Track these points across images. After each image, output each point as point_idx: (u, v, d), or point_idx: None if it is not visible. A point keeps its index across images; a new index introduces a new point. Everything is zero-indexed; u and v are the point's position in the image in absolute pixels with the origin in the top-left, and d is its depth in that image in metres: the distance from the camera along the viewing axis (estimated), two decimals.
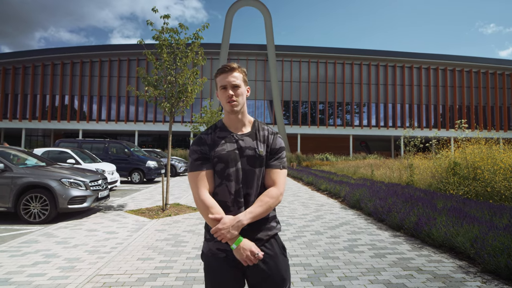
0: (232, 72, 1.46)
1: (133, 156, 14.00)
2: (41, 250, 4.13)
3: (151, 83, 7.22)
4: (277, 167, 1.47)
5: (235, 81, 1.45)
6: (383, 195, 6.73)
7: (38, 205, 5.94)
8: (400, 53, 36.45)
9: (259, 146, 1.47)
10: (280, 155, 1.50)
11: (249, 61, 35.99)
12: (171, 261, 3.72)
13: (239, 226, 1.32)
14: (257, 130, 1.52)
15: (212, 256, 1.43)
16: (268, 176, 1.46)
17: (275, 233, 1.48)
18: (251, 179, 1.43)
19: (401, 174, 10.95)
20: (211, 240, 1.43)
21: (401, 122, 36.23)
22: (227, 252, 1.40)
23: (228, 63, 1.49)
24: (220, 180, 1.43)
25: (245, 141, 1.47)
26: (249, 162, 1.43)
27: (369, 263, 3.68)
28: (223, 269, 1.41)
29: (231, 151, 1.43)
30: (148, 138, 38.97)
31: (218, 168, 1.43)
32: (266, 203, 1.39)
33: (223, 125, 1.52)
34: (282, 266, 1.45)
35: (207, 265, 1.46)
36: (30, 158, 7.43)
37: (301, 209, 7.32)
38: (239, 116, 1.50)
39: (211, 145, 1.46)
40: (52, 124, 34.37)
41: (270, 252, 1.43)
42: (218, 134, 1.49)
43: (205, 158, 1.44)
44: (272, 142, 1.50)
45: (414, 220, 4.85)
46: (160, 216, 6.43)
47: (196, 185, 1.42)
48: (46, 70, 34.90)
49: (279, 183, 1.45)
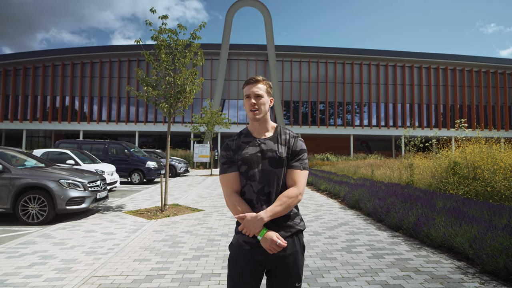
0: (256, 84, 1.65)
1: (133, 156, 14.00)
2: (38, 251, 4.12)
3: (149, 84, 7.21)
4: (297, 167, 1.59)
5: (258, 91, 1.63)
6: (383, 195, 6.70)
7: (36, 206, 5.93)
8: (401, 52, 36.39)
9: (279, 148, 1.60)
10: (301, 156, 1.62)
11: (249, 61, 35.97)
12: (167, 262, 3.70)
13: (260, 222, 1.46)
14: (279, 135, 1.66)
15: (239, 247, 1.58)
16: (289, 176, 1.59)
17: (298, 230, 1.59)
18: (272, 179, 1.56)
19: (401, 174, 10.91)
20: (239, 233, 1.58)
21: (402, 121, 36.16)
22: (251, 245, 1.54)
23: (254, 76, 1.68)
24: (245, 181, 1.58)
25: (267, 144, 1.61)
26: (270, 164, 1.57)
27: (366, 264, 3.66)
28: (245, 260, 1.55)
29: (253, 154, 1.58)
30: (148, 139, 38.99)
31: (242, 170, 1.59)
32: (284, 202, 1.51)
33: (247, 131, 1.69)
34: (300, 264, 1.59)
35: (232, 255, 1.61)
36: (29, 159, 7.43)
37: (300, 209, 7.29)
38: (262, 123, 1.66)
39: (235, 150, 1.63)
40: (53, 125, 34.41)
41: (292, 248, 1.55)
42: (242, 140, 1.66)
43: (231, 162, 1.62)
44: (293, 145, 1.63)
45: (413, 220, 4.83)
46: (159, 217, 6.41)
47: (225, 186, 1.61)
48: (47, 71, 34.94)
49: (299, 183, 1.57)
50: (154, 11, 7.25)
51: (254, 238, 1.53)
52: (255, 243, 1.53)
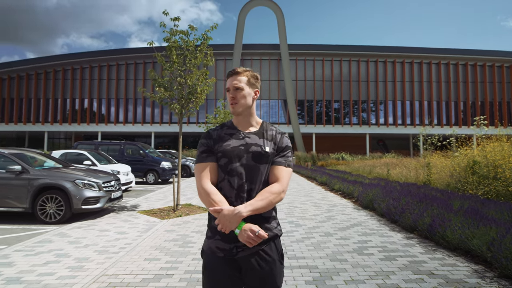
0: (236, 76, 1.54)
1: (148, 157, 14.23)
2: (53, 250, 4.24)
3: (161, 85, 7.30)
4: (282, 164, 1.50)
5: (237, 84, 1.52)
6: (397, 195, 6.53)
7: (53, 206, 6.11)
8: (418, 48, 35.46)
9: (265, 143, 1.50)
10: (286, 153, 1.53)
11: (263, 61, 35.95)
12: (176, 262, 3.73)
13: (238, 217, 1.34)
14: (265, 130, 1.56)
15: (212, 254, 1.45)
16: (272, 173, 1.48)
17: (275, 235, 1.47)
18: (255, 175, 1.45)
19: (418, 173, 10.62)
20: (212, 238, 1.46)
21: (420, 119, 35.24)
22: (225, 251, 1.42)
23: (235, 67, 1.57)
24: (223, 175, 1.46)
25: (251, 138, 1.51)
26: (254, 158, 1.46)
27: (378, 266, 3.56)
28: (221, 268, 1.42)
29: (236, 147, 1.47)
30: (164, 139, 39.62)
31: (221, 163, 1.47)
32: (267, 197, 1.40)
33: (232, 124, 1.58)
34: (277, 273, 1.46)
35: (205, 263, 1.48)
36: (47, 160, 7.67)
37: (313, 210, 7.21)
38: (247, 117, 1.56)
39: (216, 140, 1.51)
40: (73, 127, 35.51)
41: (268, 257, 1.44)
42: (225, 131, 1.54)
43: (210, 151, 1.50)
44: (279, 141, 1.54)
45: (428, 222, 4.67)
46: (171, 216, 6.49)
47: (200, 176, 1.47)
48: (67, 75, 36.08)
49: (283, 180, 1.47)
50: (166, 13, 7.34)
51: (229, 243, 1.41)
52: (229, 249, 1.41)
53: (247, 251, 1.41)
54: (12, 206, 6.13)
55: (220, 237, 1.43)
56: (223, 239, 1.42)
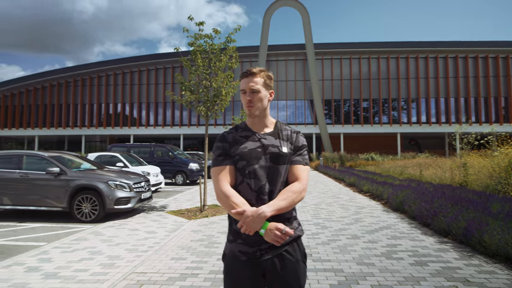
0: (252, 77, 1.50)
1: (176, 159, 14.63)
2: (88, 247, 4.47)
3: (188, 88, 7.48)
4: (300, 162, 1.49)
5: (254, 86, 1.49)
6: (430, 197, 6.22)
7: (89, 206, 6.46)
8: (452, 42, 33.65)
9: (282, 144, 1.49)
10: (302, 151, 1.52)
11: (288, 62, 35.77)
12: (202, 262, 3.80)
13: (262, 217, 1.32)
14: (280, 130, 1.54)
15: (234, 258, 1.43)
16: (291, 172, 1.48)
17: (297, 236, 1.46)
18: (275, 176, 1.44)
19: (453, 174, 10.05)
20: (234, 241, 1.45)
21: (456, 117, 33.37)
22: (249, 255, 1.40)
23: (250, 68, 1.52)
24: (241, 178, 1.45)
25: (268, 139, 1.49)
26: (272, 160, 1.45)
27: (407, 271, 3.41)
28: (244, 272, 1.41)
29: (253, 149, 1.46)
30: (192, 141, 40.54)
31: (239, 166, 1.45)
32: (289, 197, 1.39)
33: (245, 126, 1.56)
34: (301, 274, 1.45)
35: (227, 267, 1.46)
36: (84, 162, 8.12)
37: (340, 212, 7.05)
38: (262, 118, 1.54)
39: (231, 143, 1.49)
40: (107, 130, 37.32)
41: (292, 258, 1.43)
42: (240, 134, 1.52)
43: (226, 154, 1.48)
44: (295, 140, 1.52)
45: (464, 225, 4.41)
46: (198, 217, 6.62)
47: (218, 179, 1.45)
48: (101, 81, 38.01)
49: (302, 179, 1.46)
50: (191, 18, 7.52)
51: (252, 247, 1.40)
52: (252, 252, 1.40)
53: (271, 253, 1.39)
54: (52, 206, 6.55)
55: (242, 240, 1.42)
56: (246, 242, 1.41)
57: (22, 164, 6.81)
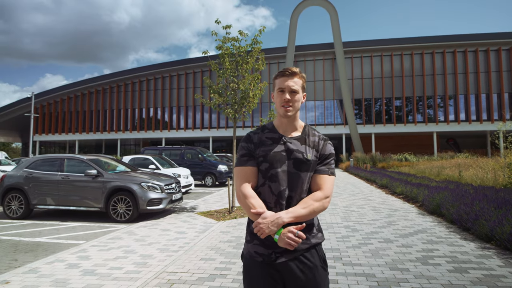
0: (293, 77, 1.47)
1: (206, 161, 14.92)
2: (122, 246, 4.67)
3: (216, 91, 7.61)
4: (325, 172, 1.45)
5: (294, 86, 1.46)
6: (470, 199, 5.84)
7: (123, 206, 6.75)
8: (493, 34, 31.42)
9: (307, 150, 1.45)
10: (329, 161, 1.48)
11: (316, 61, 35.27)
12: (230, 263, 3.83)
13: (279, 223, 1.30)
14: (307, 135, 1.51)
15: (251, 258, 1.43)
16: (314, 181, 1.44)
17: (316, 243, 1.44)
18: (296, 182, 1.41)
19: (496, 175, 9.39)
20: (251, 242, 1.45)
21: (499, 114, 31.10)
22: (264, 256, 1.39)
23: (290, 67, 1.49)
24: (263, 180, 1.43)
25: (293, 144, 1.46)
26: (295, 165, 1.42)
27: (445, 278, 3.22)
28: (260, 273, 1.40)
29: (277, 152, 1.43)
30: (221, 143, 41.16)
31: (262, 168, 1.44)
32: (310, 205, 1.36)
33: (273, 127, 1.53)
34: (321, 280, 1.41)
35: (245, 267, 1.47)
36: (119, 165, 8.51)
37: (371, 214, 6.82)
38: (291, 120, 1.50)
39: (257, 144, 1.47)
40: (141, 134, 38.91)
41: (310, 263, 1.40)
42: (266, 135, 1.50)
43: (250, 155, 1.46)
44: (322, 148, 1.48)
45: (508, 230, 4.09)
46: (226, 218, 6.69)
47: (239, 179, 1.44)
48: (135, 87, 39.75)
49: (326, 188, 1.42)
50: (219, 22, 7.66)
51: (267, 249, 1.38)
52: (268, 254, 1.38)
53: (286, 256, 1.38)
54: (90, 206, 6.92)
55: (258, 241, 1.41)
56: (262, 244, 1.40)
57: (63, 166, 7.27)
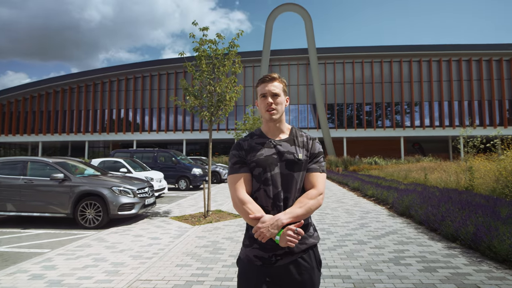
0: (272, 82, 1.53)
1: (179, 164, 14.62)
2: (92, 254, 4.44)
3: (192, 93, 7.49)
4: (316, 170, 1.49)
5: (275, 90, 1.51)
6: (436, 201, 6.15)
7: (92, 212, 6.43)
8: (455, 46, 33.58)
9: (298, 151, 1.49)
10: (319, 159, 1.53)
11: (291, 66, 35.85)
12: (207, 269, 3.75)
13: (279, 225, 1.33)
14: (295, 136, 1.55)
15: (249, 262, 1.45)
16: (307, 180, 1.48)
17: (313, 243, 1.48)
18: (290, 183, 1.44)
19: (459, 178, 9.96)
20: (249, 246, 1.46)
21: (460, 120, 33.20)
22: (263, 260, 1.41)
23: (269, 73, 1.56)
24: (258, 185, 1.46)
25: (283, 146, 1.50)
26: (288, 167, 1.46)
27: (416, 278, 3.35)
28: (258, 277, 1.42)
29: (269, 156, 1.47)
30: (195, 146, 40.59)
31: (256, 173, 1.47)
32: (305, 204, 1.39)
33: (261, 132, 1.57)
34: (316, 280, 1.47)
35: (242, 272, 1.48)
36: (87, 168, 8.12)
37: (345, 217, 6.99)
38: (278, 124, 1.55)
39: (247, 150, 1.51)
40: (110, 136, 37.46)
41: (307, 265, 1.44)
42: (256, 140, 1.54)
43: (243, 162, 1.50)
44: (311, 147, 1.53)
45: (472, 230, 4.34)
46: (202, 222, 6.57)
47: (234, 187, 1.47)
48: (105, 87, 38.28)
49: (319, 186, 1.47)
50: (196, 24, 7.56)
51: (267, 252, 1.41)
52: (268, 258, 1.41)
53: (286, 259, 1.41)
54: (56, 212, 6.53)
55: (258, 245, 1.43)
56: (262, 248, 1.42)
57: (26, 170, 6.82)
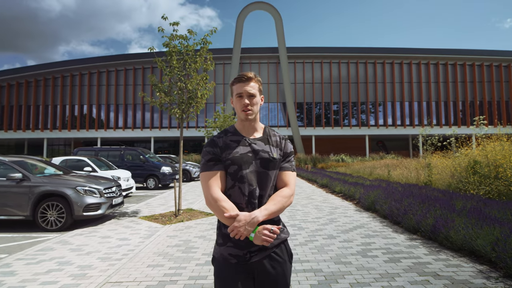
0: (249, 82, 1.52)
1: (148, 162, 14.21)
2: (55, 258, 4.21)
3: (162, 90, 7.31)
4: (288, 169, 1.54)
5: (251, 90, 1.51)
6: (399, 196, 6.52)
7: (54, 213, 6.08)
8: (415, 49, 35.60)
9: (272, 150, 1.53)
10: (290, 158, 1.58)
11: (261, 65, 36.05)
12: (180, 268, 3.71)
13: (255, 222, 1.34)
14: (269, 136, 1.58)
15: (224, 261, 1.45)
16: (280, 178, 1.52)
17: (284, 238, 1.51)
18: (265, 181, 1.47)
19: (418, 174, 10.62)
20: (223, 245, 1.46)
21: (419, 120, 35.30)
22: (238, 257, 1.42)
23: (245, 73, 1.54)
24: (232, 182, 1.46)
25: (258, 144, 1.52)
26: (262, 165, 1.48)
27: (383, 268, 3.55)
28: (234, 275, 1.42)
29: (244, 154, 1.48)
30: (164, 144, 39.59)
31: (231, 170, 1.46)
32: (279, 201, 1.43)
33: (235, 130, 1.57)
34: (288, 273, 1.51)
35: (217, 271, 1.47)
36: (48, 167, 7.65)
37: (315, 212, 7.19)
38: (252, 123, 1.57)
39: (222, 148, 1.50)
40: (72, 133, 35.49)
41: (280, 259, 1.47)
42: (230, 138, 1.53)
43: (217, 159, 1.49)
44: (284, 147, 1.57)
45: (431, 223, 4.66)
46: (173, 222, 6.46)
47: (208, 184, 1.45)
48: (66, 81, 36.14)
49: (291, 184, 1.51)
50: (165, 18, 7.36)
51: (242, 250, 1.42)
52: (242, 255, 1.42)
53: (260, 255, 1.43)
54: (13, 214, 6.09)
55: (232, 243, 1.43)
56: (236, 245, 1.43)
57: None
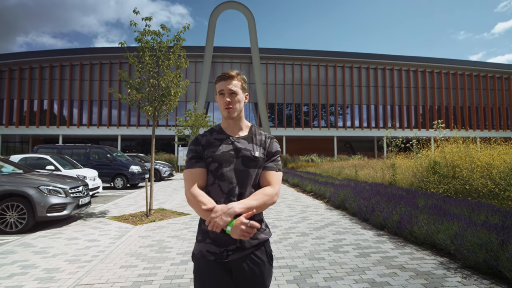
0: (231, 80, 1.52)
1: (115, 161, 13.68)
2: (18, 261, 3.96)
3: (133, 86, 7.09)
4: (273, 168, 1.53)
5: (232, 88, 1.51)
6: (367, 195, 6.84)
7: (15, 214, 5.70)
8: (382, 55, 37.31)
9: (255, 149, 1.52)
10: (276, 157, 1.56)
11: (234, 64, 35.96)
12: (155, 268, 3.64)
13: (231, 213, 1.32)
14: (254, 135, 1.58)
15: (202, 258, 1.45)
16: (263, 178, 1.51)
17: (265, 239, 1.51)
18: (245, 179, 1.46)
19: (384, 174, 11.16)
20: (202, 241, 1.46)
21: (384, 123, 37.04)
22: (216, 255, 1.42)
23: (228, 71, 1.53)
24: (213, 179, 1.46)
25: (241, 143, 1.52)
26: (243, 163, 1.47)
27: (353, 263, 3.72)
28: (212, 272, 1.43)
29: (226, 152, 1.48)
30: (131, 143, 38.23)
31: (212, 168, 1.47)
32: (260, 198, 1.41)
33: (220, 128, 1.58)
34: (267, 275, 1.50)
35: (196, 267, 1.48)
36: (6, 165, 7.14)
37: (287, 211, 7.34)
38: (237, 121, 1.56)
39: (205, 146, 1.51)
40: (30, 130, 33.23)
41: (258, 260, 1.47)
42: (214, 136, 1.54)
43: (199, 157, 1.50)
44: (269, 146, 1.56)
45: (397, 219, 4.95)
46: (144, 222, 6.30)
47: (189, 181, 1.46)
48: (24, 74, 33.75)
49: (275, 184, 1.49)
50: (137, 12, 7.16)
51: (219, 247, 1.42)
52: (219, 253, 1.42)
53: (238, 254, 1.43)
54: None
55: (211, 240, 1.44)
56: (214, 242, 1.43)
57: None
